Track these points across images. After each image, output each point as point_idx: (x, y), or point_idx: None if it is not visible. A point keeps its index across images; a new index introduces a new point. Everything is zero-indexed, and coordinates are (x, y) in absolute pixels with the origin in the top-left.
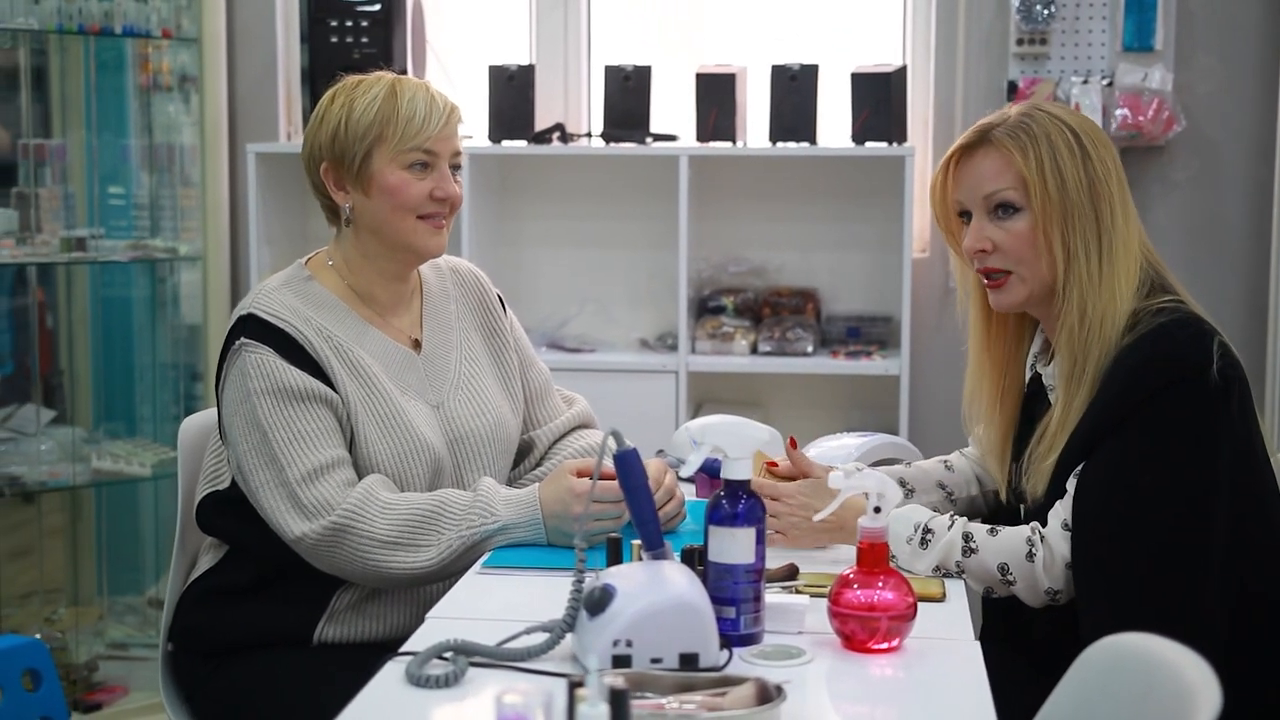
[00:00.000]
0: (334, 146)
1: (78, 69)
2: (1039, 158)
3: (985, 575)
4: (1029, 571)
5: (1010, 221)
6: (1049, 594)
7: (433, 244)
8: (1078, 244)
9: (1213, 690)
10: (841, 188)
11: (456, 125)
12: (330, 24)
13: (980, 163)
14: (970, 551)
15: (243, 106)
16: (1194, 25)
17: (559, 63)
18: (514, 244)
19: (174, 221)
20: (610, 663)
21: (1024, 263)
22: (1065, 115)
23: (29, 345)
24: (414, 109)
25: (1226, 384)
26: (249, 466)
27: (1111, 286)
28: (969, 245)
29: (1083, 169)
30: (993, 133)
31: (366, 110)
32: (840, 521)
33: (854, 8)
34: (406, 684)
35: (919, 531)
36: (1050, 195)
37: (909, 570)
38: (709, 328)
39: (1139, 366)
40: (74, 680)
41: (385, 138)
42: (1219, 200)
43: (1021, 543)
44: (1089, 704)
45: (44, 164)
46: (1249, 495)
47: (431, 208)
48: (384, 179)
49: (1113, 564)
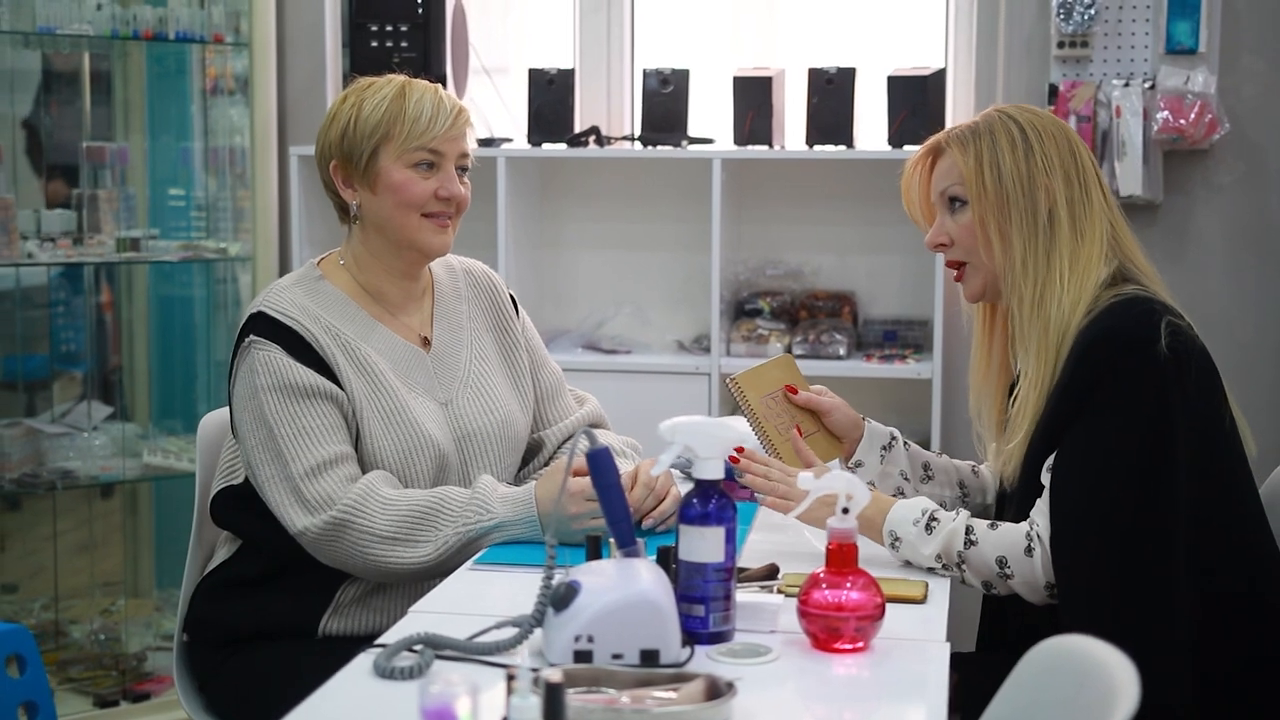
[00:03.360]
0: (342, 144)
1: (140, 74)
2: (978, 153)
3: (985, 568)
4: (1027, 567)
5: (959, 215)
6: (1048, 589)
7: (436, 242)
8: (1014, 233)
9: (1133, 690)
10: (879, 191)
11: (464, 127)
12: (371, 29)
13: (939, 164)
14: (971, 543)
15: (293, 110)
16: (1239, 27)
17: (601, 66)
18: (552, 246)
19: (231, 222)
20: (572, 658)
21: (972, 253)
22: (1017, 113)
23: (89, 343)
24: (420, 109)
25: (1177, 360)
26: (256, 460)
27: (1058, 273)
28: (929, 239)
29: (1024, 162)
30: (950, 134)
31: (375, 110)
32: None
33: (891, 11)
34: (374, 675)
35: (925, 516)
36: (986, 187)
37: (914, 559)
38: (744, 330)
39: (1087, 347)
40: (124, 670)
41: (392, 137)
42: (1264, 203)
43: (1020, 538)
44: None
45: (103, 166)
46: (1211, 478)
47: (436, 206)
48: (389, 177)
49: (1083, 557)
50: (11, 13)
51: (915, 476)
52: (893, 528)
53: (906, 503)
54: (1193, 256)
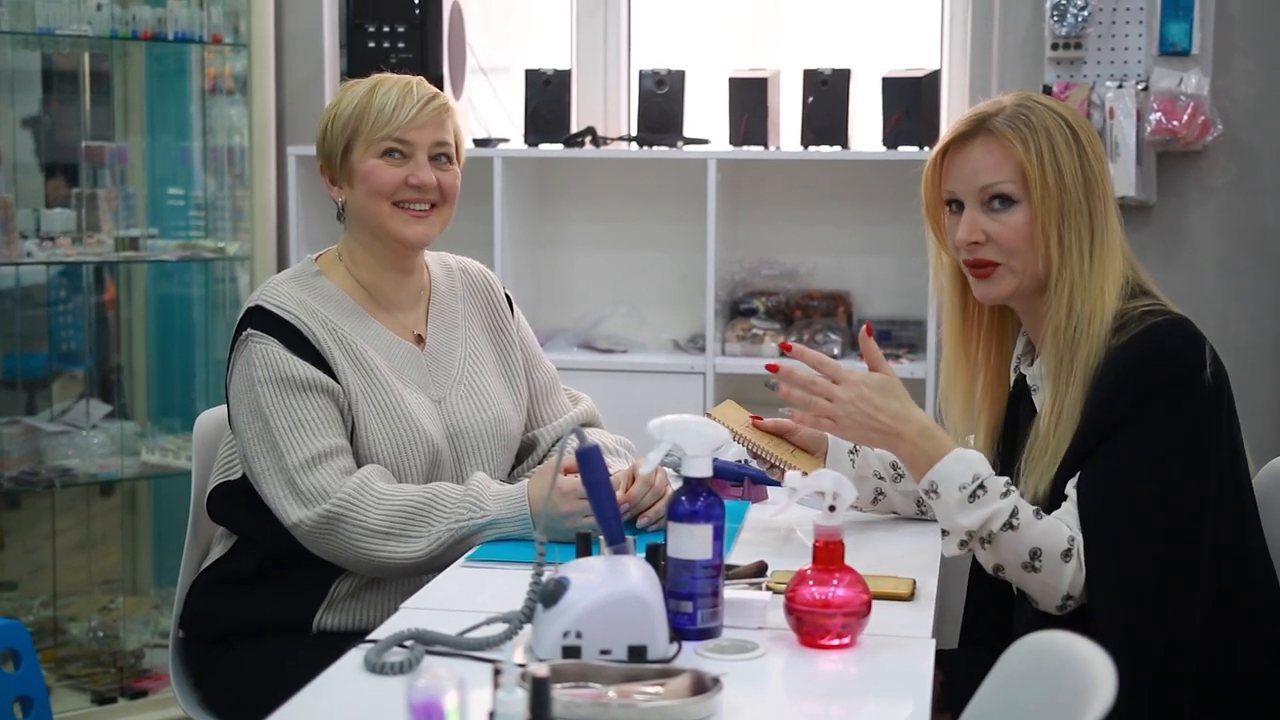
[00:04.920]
0: (324, 143)
1: (139, 74)
2: (1039, 150)
3: (1014, 554)
4: (1058, 568)
5: (1006, 214)
6: (1064, 599)
7: (409, 232)
8: (1072, 240)
9: (1110, 685)
10: (873, 192)
11: (437, 115)
12: (368, 29)
13: (976, 153)
14: (1011, 527)
15: (291, 110)
16: (1232, 29)
17: (598, 67)
18: (548, 245)
19: (230, 222)
20: (560, 653)
21: (1017, 255)
22: (1060, 108)
23: (88, 342)
24: (386, 100)
25: (1218, 388)
26: (252, 453)
27: (1100, 284)
28: (962, 236)
29: (1079, 164)
30: (990, 122)
31: (347, 106)
32: (899, 430)
33: (886, 13)
34: (364, 670)
35: (974, 484)
36: (1050, 189)
37: (943, 518)
38: (739, 330)
39: (1134, 365)
40: (121, 668)
41: (360, 130)
42: (1257, 205)
43: (1063, 540)
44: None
45: (102, 166)
46: (1230, 502)
47: (407, 194)
48: (360, 168)
49: (1113, 578)
50: (11, 13)
51: (888, 476)
52: (936, 480)
53: (963, 456)
54: (1185, 258)
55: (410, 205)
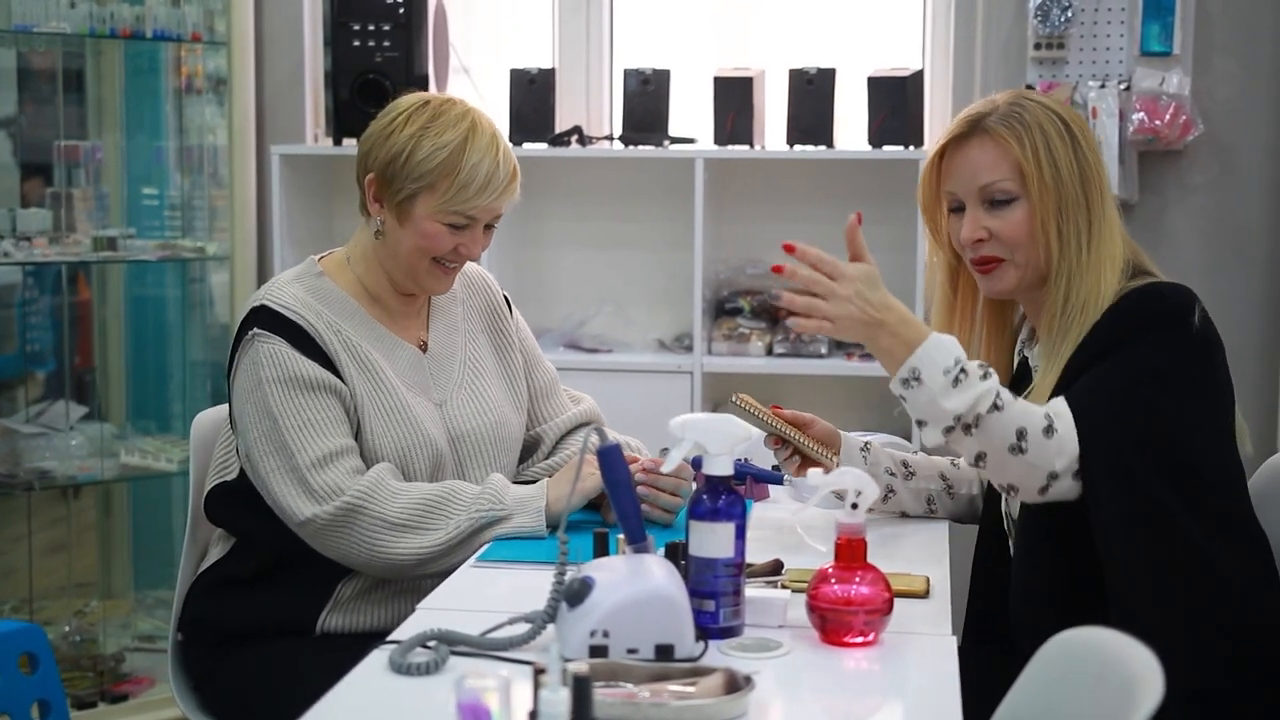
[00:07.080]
0: (388, 169)
1: (113, 72)
2: (1035, 147)
3: (1001, 437)
4: (1043, 446)
5: (1007, 211)
6: (1049, 478)
7: (438, 287)
8: (1070, 231)
9: (1156, 680)
10: (858, 191)
11: (509, 190)
12: (353, 27)
13: (973, 153)
14: (996, 408)
15: (270, 109)
16: (1212, 30)
17: (580, 66)
18: (533, 245)
19: (207, 222)
20: (587, 653)
21: (1020, 250)
22: (1052, 104)
23: (63, 342)
24: (474, 175)
25: (1205, 338)
26: (258, 453)
27: (1098, 272)
28: (967, 236)
29: (1074, 157)
30: (985, 122)
31: (432, 155)
32: (882, 319)
33: (871, 12)
34: (389, 671)
35: (956, 366)
36: (1046, 184)
37: (923, 407)
38: (725, 329)
39: (1124, 310)
40: (102, 671)
41: (437, 190)
42: (1237, 204)
43: (1040, 416)
44: (1045, 697)
45: (77, 165)
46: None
47: (450, 256)
48: (420, 223)
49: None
50: None
51: (899, 473)
52: (918, 365)
53: (941, 341)
54: (1167, 256)
55: (447, 263)
